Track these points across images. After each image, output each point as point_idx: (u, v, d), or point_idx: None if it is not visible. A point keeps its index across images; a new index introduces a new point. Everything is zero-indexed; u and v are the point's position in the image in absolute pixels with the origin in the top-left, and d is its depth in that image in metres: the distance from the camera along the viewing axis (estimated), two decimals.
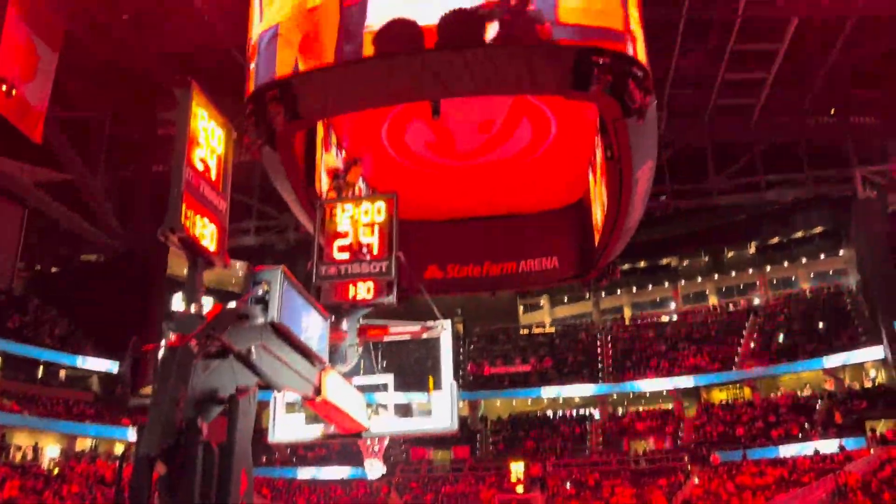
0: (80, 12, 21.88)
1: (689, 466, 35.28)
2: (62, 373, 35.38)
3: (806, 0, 21.51)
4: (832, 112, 34.30)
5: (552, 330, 49.53)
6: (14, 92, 19.30)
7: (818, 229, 43.06)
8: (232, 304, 3.55)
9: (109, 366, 33.83)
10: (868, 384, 36.71)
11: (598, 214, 15.01)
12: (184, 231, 3.39)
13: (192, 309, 3.44)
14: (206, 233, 3.65)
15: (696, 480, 33.87)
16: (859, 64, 28.78)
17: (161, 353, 2.89)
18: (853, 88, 32.54)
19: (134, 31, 23.01)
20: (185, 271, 3.72)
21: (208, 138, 3.64)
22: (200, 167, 3.62)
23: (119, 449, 31.61)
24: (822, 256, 43.73)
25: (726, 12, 22.64)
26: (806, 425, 34.79)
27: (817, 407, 36.16)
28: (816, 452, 32.43)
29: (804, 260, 44.36)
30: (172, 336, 3.10)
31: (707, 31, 25.24)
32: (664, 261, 49.14)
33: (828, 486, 28.61)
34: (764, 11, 22.31)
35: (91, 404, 34.00)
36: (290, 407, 6.89)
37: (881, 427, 32.27)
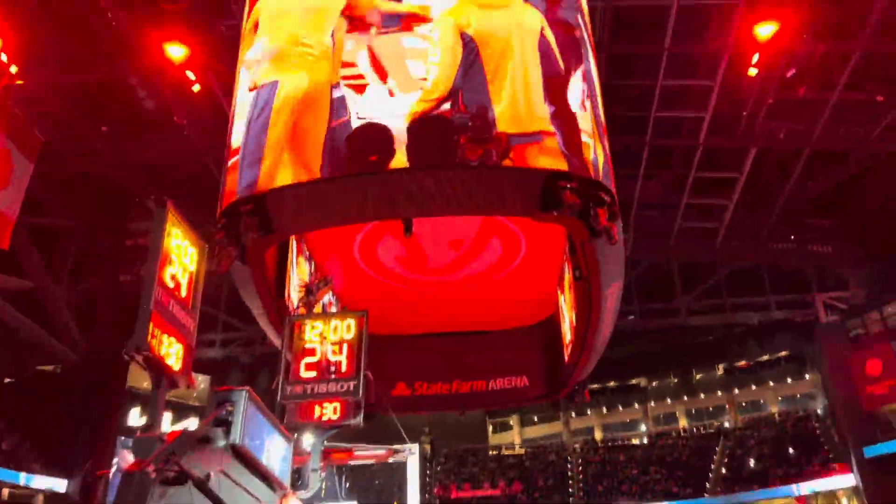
0: (60, 124, 22.22)
1: None
2: (4, 491, 33.35)
3: (763, 133, 22.66)
4: (791, 238, 35.46)
5: (522, 451, 48.45)
6: None
7: (783, 353, 43.56)
8: (193, 428, 3.42)
9: (57, 484, 32.03)
10: None
11: (567, 333, 15.08)
12: (149, 350, 3.31)
13: (152, 429, 3.30)
14: (172, 352, 3.58)
15: None
16: (815, 193, 30.08)
17: (116, 478, 2.74)
18: (810, 217, 33.87)
19: (111, 142, 23.33)
20: (147, 386, 3.59)
21: (181, 256, 3.63)
22: (171, 285, 3.59)
23: None
24: (789, 380, 44.01)
25: (688, 141, 23.75)
26: None
27: None
28: None
29: (771, 383, 44.58)
30: (130, 459, 2.95)
31: (670, 158, 26.36)
32: (633, 381, 49.02)
33: None
34: (724, 142, 23.45)
35: None
36: None
37: None
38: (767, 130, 22.63)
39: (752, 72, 18.92)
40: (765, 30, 16.84)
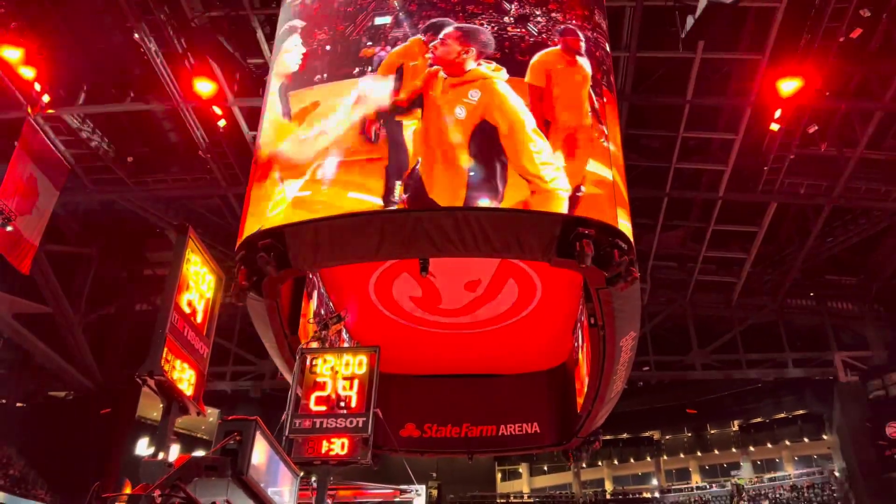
0: (87, 155, 22.66)
1: None
2: None
3: (784, 188, 22.63)
4: (810, 295, 35.10)
5: (531, 501, 47.54)
6: (10, 225, 19.58)
7: (800, 411, 42.69)
8: (201, 455, 3.40)
9: None
10: None
11: (581, 381, 14.91)
12: (163, 374, 3.32)
13: (160, 455, 3.29)
14: (185, 377, 3.58)
15: None
16: (834, 250, 29.84)
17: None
18: (830, 274, 33.56)
19: (135, 173, 23.71)
20: (157, 416, 3.58)
21: (198, 283, 3.66)
22: (188, 311, 3.61)
23: None
24: (806, 440, 43.02)
25: (708, 194, 23.74)
26: None
27: None
28: None
29: (787, 442, 43.59)
30: (136, 483, 2.94)
31: (689, 210, 26.33)
32: (647, 433, 48.16)
33: None
34: (744, 196, 23.41)
35: None
36: None
37: None
38: (788, 185, 22.58)
39: (774, 127, 18.97)
40: (788, 85, 16.91)
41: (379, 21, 10.70)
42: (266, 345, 11.64)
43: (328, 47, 10.83)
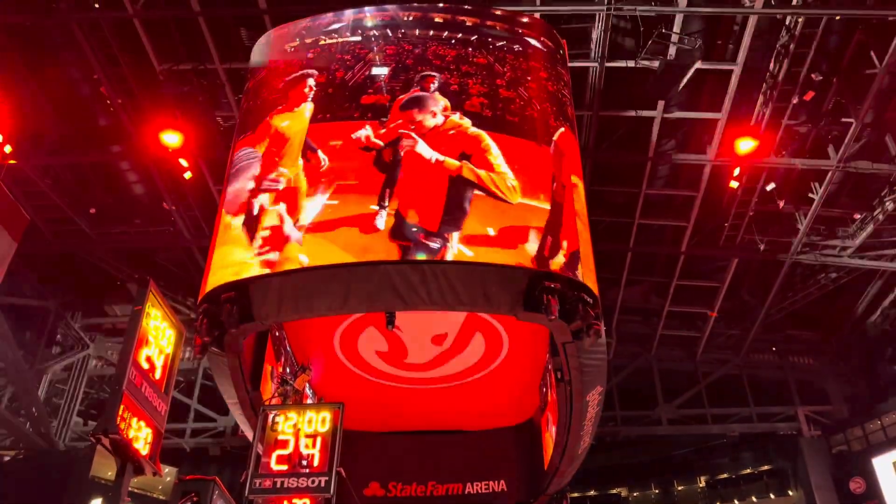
0: (48, 206, 22.30)
1: None
2: None
3: (744, 244, 23.11)
4: (773, 350, 35.58)
5: None
6: None
7: (766, 466, 42.73)
8: None
9: None
10: None
11: (548, 437, 14.80)
12: (118, 433, 3.18)
13: None
14: (141, 436, 3.44)
15: None
16: (795, 306, 30.38)
17: None
18: (791, 328, 34.10)
19: (97, 224, 23.34)
20: (111, 476, 3.41)
21: (158, 338, 3.54)
22: (146, 366, 3.49)
23: None
24: (772, 496, 42.94)
25: (671, 249, 24.13)
26: None
27: None
28: None
29: (754, 498, 43.45)
30: None
31: (653, 265, 26.71)
32: (614, 490, 47.68)
33: None
34: (705, 251, 23.85)
35: None
36: None
37: None
38: (748, 241, 23.07)
39: (734, 184, 19.47)
40: (745, 145, 17.46)
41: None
42: (227, 401, 11.34)
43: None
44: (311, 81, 11.23)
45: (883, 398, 33.38)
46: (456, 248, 8.79)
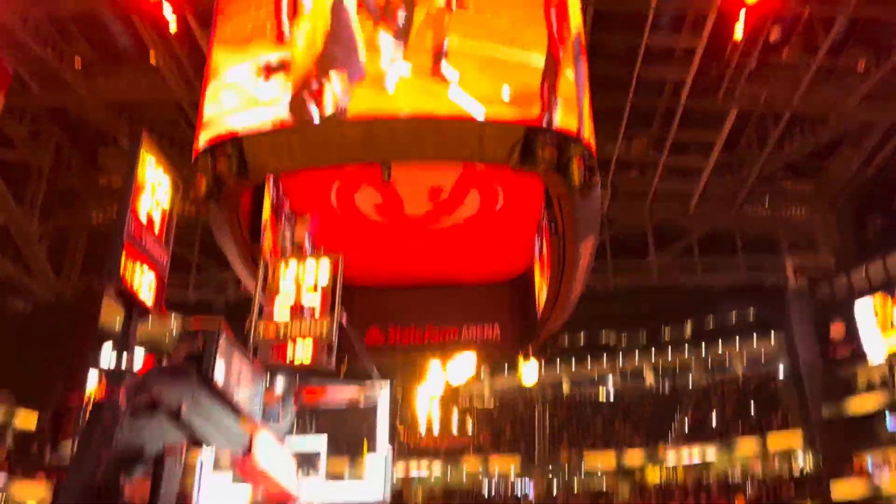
0: (31, 58, 21.60)
1: None
2: None
3: (745, 96, 22.71)
4: (766, 202, 35.86)
5: (491, 401, 49.20)
6: None
7: (752, 315, 44.33)
8: (165, 359, 3.41)
9: (29, 418, 32.06)
10: (796, 469, 37.32)
11: (540, 287, 15.18)
12: (121, 280, 3.29)
13: (124, 361, 3.30)
14: (145, 283, 3.55)
15: None
16: (792, 157, 30.35)
17: (87, 407, 2.75)
18: (787, 180, 34.22)
19: (85, 78, 22.74)
20: (119, 323, 3.57)
21: (155, 188, 3.58)
22: (144, 217, 3.55)
23: None
24: (755, 342, 44.87)
25: (670, 101, 23.74)
26: None
27: (747, 490, 36.51)
28: None
29: (738, 345, 45.39)
30: (100, 388, 2.95)
31: (651, 118, 26.37)
32: (603, 338, 49.68)
33: None
34: (705, 104, 23.48)
35: (4, 460, 31.97)
36: (218, 464, 6.60)
37: None
38: (749, 93, 22.66)
39: (738, 33, 18.82)
40: None
41: None
42: (227, 255, 11.57)
43: None
44: None
45: (870, 248, 34.07)
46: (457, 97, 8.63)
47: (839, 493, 31.46)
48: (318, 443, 7.00)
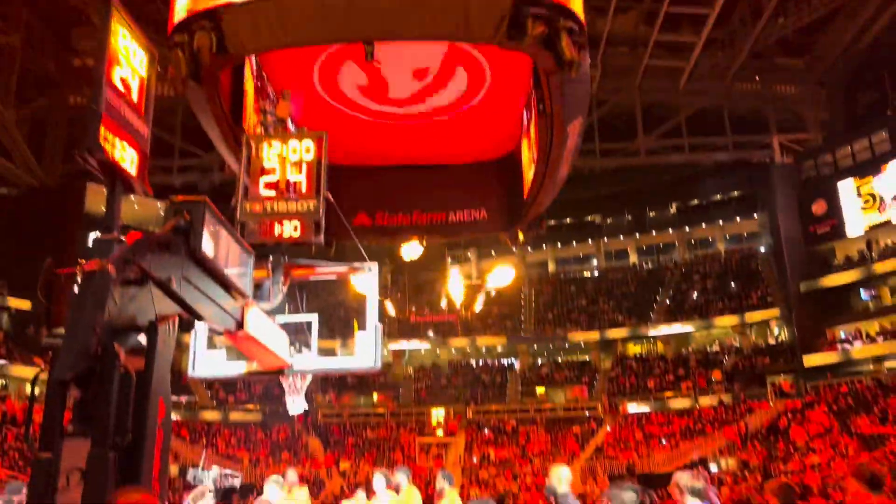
0: None
1: (601, 415, 36.79)
2: None
3: None
4: (757, 79, 35.42)
5: (478, 282, 50.22)
6: None
7: (735, 193, 44.72)
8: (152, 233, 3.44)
9: (22, 304, 32.60)
10: (772, 341, 38.90)
11: (527, 168, 15.17)
12: (103, 153, 3.25)
13: (110, 232, 3.32)
14: (127, 157, 3.51)
15: (608, 429, 35.37)
16: (786, 31, 29.72)
17: (77, 279, 2.80)
18: (778, 57, 33.65)
19: None
20: (104, 205, 3.56)
21: (129, 58, 3.46)
22: (121, 88, 3.46)
23: (30, 389, 30.50)
24: (738, 219, 45.51)
25: None
26: (713, 379, 36.69)
27: (724, 362, 38.13)
28: (721, 403, 34.31)
29: (721, 222, 46.08)
30: (89, 262, 2.99)
31: None
32: (589, 218, 50.20)
33: (729, 434, 30.39)
34: None
35: (1, 343, 32.77)
36: (211, 343, 6.81)
37: (780, 381, 34.39)
38: None
39: None
40: None
41: None
42: (210, 135, 11.39)
43: None
44: None
45: (859, 125, 34.03)
46: None
47: (812, 361, 32.97)
48: (309, 318, 7.18)
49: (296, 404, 7.55)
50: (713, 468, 27.60)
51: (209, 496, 6.32)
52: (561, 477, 5.20)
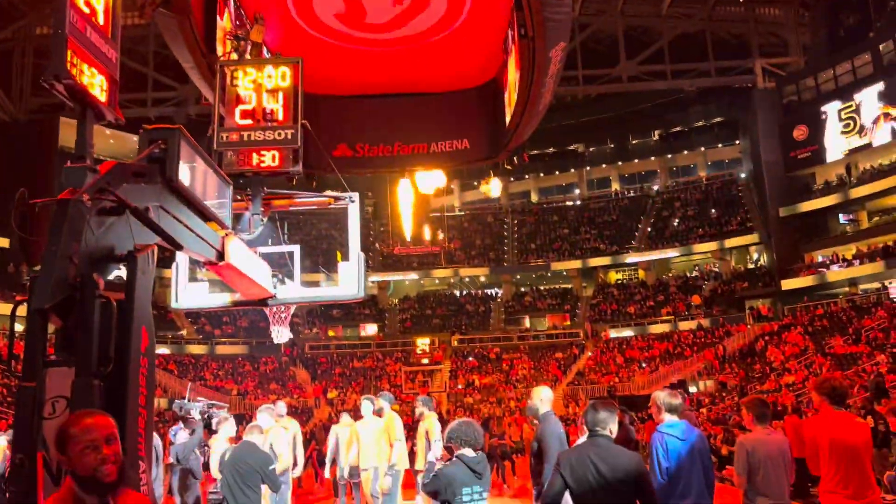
0: None
1: (583, 341, 37.51)
2: None
3: None
4: (740, 1, 34.89)
5: (461, 213, 50.26)
6: None
7: (717, 119, 44.59)
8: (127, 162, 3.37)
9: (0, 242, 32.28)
10: (751, 266, 39.52)
11: (509, 96, 15.00)
12: (70, 78, 3.16)
13: (82, 160, 3.26)
14: (96, 83, 3.41)
15: (590, 354, 36.12)
16: None
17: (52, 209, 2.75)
18: None
19: None
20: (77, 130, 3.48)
21: None
22: (86, 10, 3.34)
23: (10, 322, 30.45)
24: (720, 146, 45.54)
25: None
26: (692, 304, 37.35)
27: (704, 287, 38.77)
28: (700, 328, 35.04)
29: (703, 149, 46.08)
30: (64, 192, 2.93)
31: None
32: (571, 147, 49.99)
33: (707, 357, 31.16)
34: None
35: None
36: (193, 276, 6.79)
37: (758, 305, 35.11)
38: None
39: None
40: None
41: None
42: (184, 65, 11.11)
43: None
44: None
45: (841, 47, 33.75)
46: None
47: (790, 285, 33.60)
48: (291, 248, 7.16)
49: (280, 334, 7.63)
50: (692, 389, 28.39)
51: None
52: (542, 397, 5.32)
